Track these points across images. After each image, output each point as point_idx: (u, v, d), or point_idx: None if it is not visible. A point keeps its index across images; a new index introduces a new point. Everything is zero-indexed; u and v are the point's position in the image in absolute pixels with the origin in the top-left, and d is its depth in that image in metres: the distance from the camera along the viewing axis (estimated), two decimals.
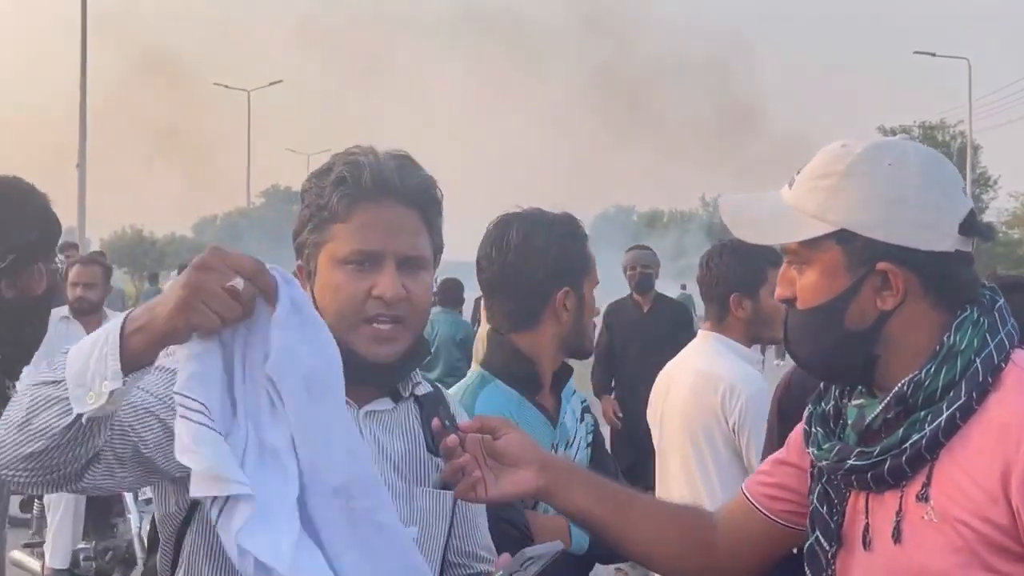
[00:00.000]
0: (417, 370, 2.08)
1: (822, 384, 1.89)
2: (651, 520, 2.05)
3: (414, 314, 1.94)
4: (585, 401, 2.77)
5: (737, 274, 3.66)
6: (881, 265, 1.68)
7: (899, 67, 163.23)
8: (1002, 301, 1.75)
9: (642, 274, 7.91)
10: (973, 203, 1.76)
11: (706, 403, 3.33)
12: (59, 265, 2.72)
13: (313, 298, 1.90)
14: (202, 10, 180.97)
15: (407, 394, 2.04)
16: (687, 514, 2.13)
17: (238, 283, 1.48)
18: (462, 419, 2.09)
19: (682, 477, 3.64)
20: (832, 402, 1.84)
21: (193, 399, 1.52)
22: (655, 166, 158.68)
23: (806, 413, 1.89)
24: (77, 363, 1.54)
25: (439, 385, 2.20)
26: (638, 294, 7.98)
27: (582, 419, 2.71)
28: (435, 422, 1.89)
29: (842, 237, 1.70)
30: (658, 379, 3.95)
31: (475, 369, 2.76)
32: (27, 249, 2.59)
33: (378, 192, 1.90)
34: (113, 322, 1.55)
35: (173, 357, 1.64)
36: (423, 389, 2.07)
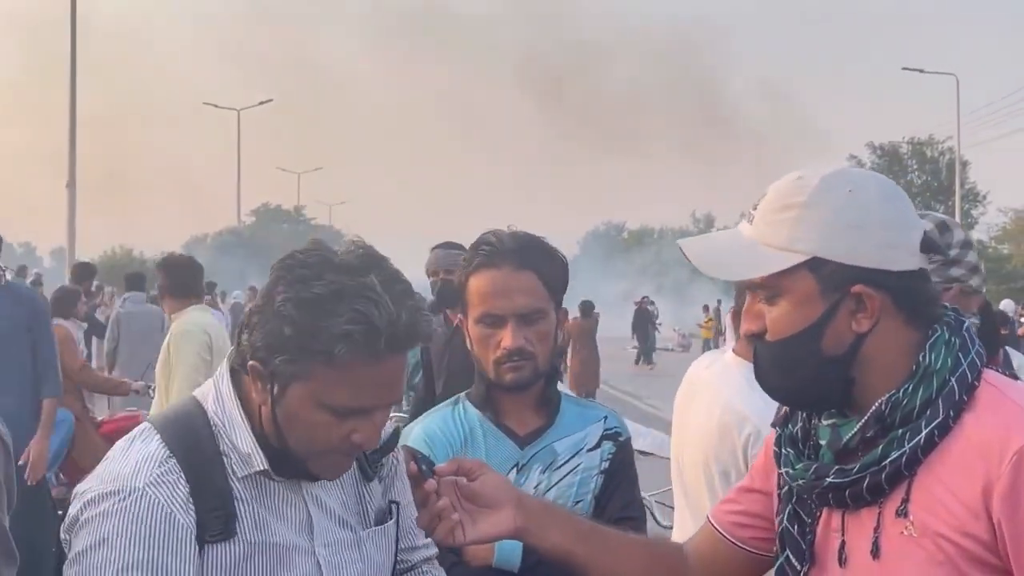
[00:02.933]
0: None
1: (786, 408, 1.91)
2: (625, 556, 2.06)
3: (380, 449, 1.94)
4: (613, 428, 2.74)
5: None
6: (856, 288, 1.71)
7: (888, 83, 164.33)
8: (968, 322, 1.80)
9: (444, 281, 5.55)
10: (962, 218, 1.78)
11: (729, 444, 3.19)
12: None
13: (272, 413, 1.80)
14: (192, 28, 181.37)
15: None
16: (659, 549, 2.14)
17: None
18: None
19: (690, 509, 3.48)
20: (800, 423, 1.86)
21: None
22: (644, 182, 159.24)
23: (774, 436, 1.92)
24: None
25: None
26: (443, 305, 5.62)
27: (598, 446, 2.69)
28: (411, 467, 1.88)
29: (813, 265, 1.72)
30: (677, 401, 3.59)
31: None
32: None
33: (386, 351, 1.74)
34: None
35: None
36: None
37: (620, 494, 2.64)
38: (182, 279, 6.68)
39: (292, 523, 1.89)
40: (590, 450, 2.68)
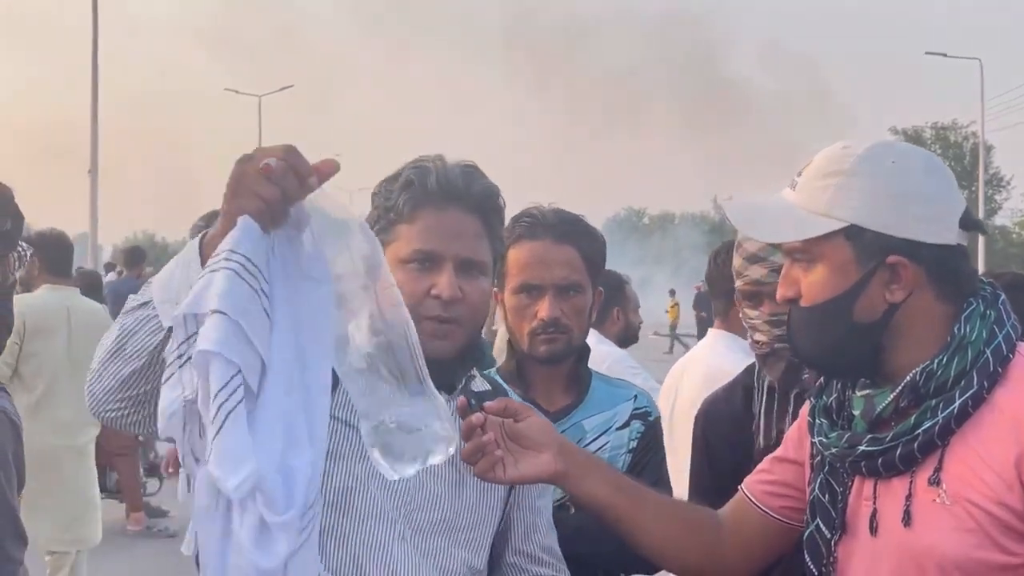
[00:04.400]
0: (475, 369, 2.13)
1: (822, 379, 1.94)
2: (663, 516, 2.07)
3: (469, 315, 1.99)
4: (643, 408, 2.74)
5: None
6: (891, 259, 1.73)
7: (911, 67, 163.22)
8: (1003, 296, 1.81)
9: None
10: (986, 204, 1.79)
11: None
12: (23, 253, 2.72)
13: None
14: (214, 15, 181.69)
15: (460, 388, 2.06)
16: (696, 512, 2.15)
17: (271, 161, 1.57)
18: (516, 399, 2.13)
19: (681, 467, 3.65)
20: (834, 395, 1.88)
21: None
22: (662, 168, 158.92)
23: (808, 407, 1.95)
24: (162, 282, 1.65)
25: (500, 382, 2.25)
26: None
27: (627, 425, 2.69)
28: (461, 400, 1.91)
29: (851, 233, 1.74)
30: (668, 379, 4.01)
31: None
32: (3, 239, 2.60)
33: (442, 197, 1.98)
34: (192, 241, 1.67)
35: None
36: (479, 386, 2.12)
37: (647, 473, 2.62)
38: (53, 256, 6.22)
39: None
40: (619, 429, 2.68)
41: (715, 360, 3.74)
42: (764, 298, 2.45)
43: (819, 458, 1.89)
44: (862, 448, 1.76)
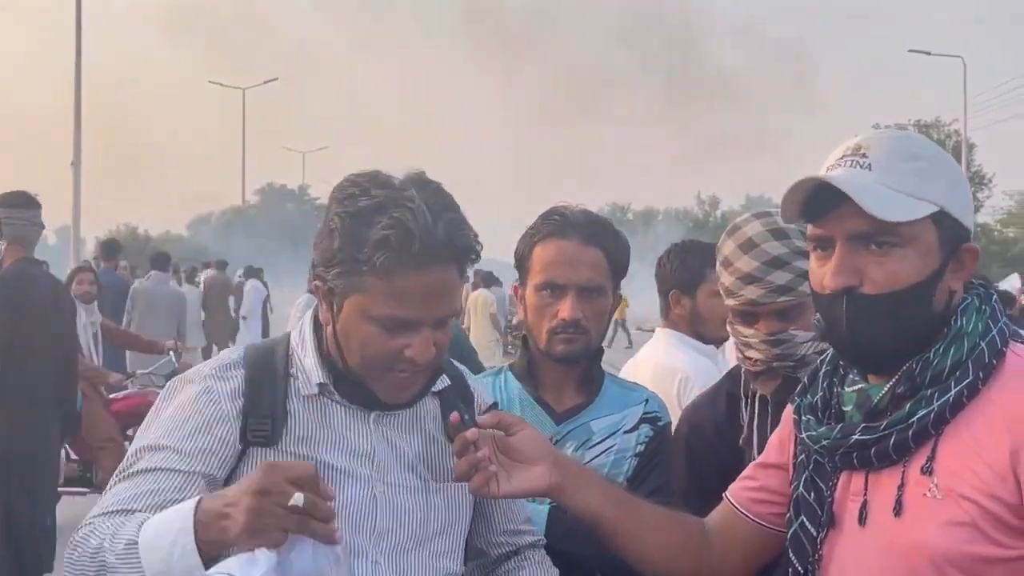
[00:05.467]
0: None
1: (806, 378, 1.94)
2: (655, 527, 2.07)
3: (439, 362, 1.96)
4: (653, 412, 2.72)
5: (678, 272, 3.88)
6: (965, 246, 1.76)
7: (894, 65, 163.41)
8: (995, 294, 1.83)
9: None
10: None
11: (664, 394, 3.41)
12: None
13: (334, 331, 1.91)
14: (198, 6, 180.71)
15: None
16: (685, 522, 2.14)
17: (298, 500, 1.55)
18: (482, 400, 2.16)
19: None
20: (820, 393, 1.88)
21: None
22: (649, 162, 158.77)
23: (793, 406, 1.94)
24: (156, 562, 1.63)
25: (460, 369, 2.22)
26: None
27: (635, 428, 2.68)
28: (453, 416, 1.91)
29: (938, 217, 1.74)
30: (628, 366, 4.05)
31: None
32: None
33: (423, 259, 1.81)
34: (182, 520, 1.63)
35: None
36: (441, 384, 2.09)
37: (653, 478, 2.63)
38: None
39: (352, 450, 1.95)
40: (627, 432, 2.67)
41: (663, 358, 3.84)
42: (760, 318, 2.43)
43: (803, 457, 1.89)
44: (856, 437, 1.75)
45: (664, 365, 3.77)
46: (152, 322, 11.90)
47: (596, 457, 2.63)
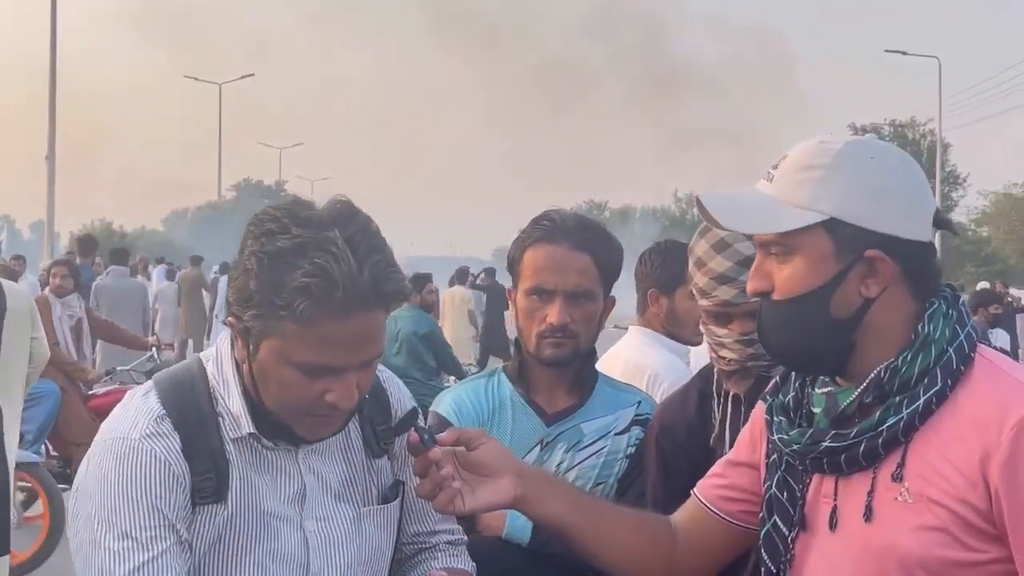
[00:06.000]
0: None
1: (778, 377, 1.95)
2: (621, 530, 2.07)
3: (359, 401, 1.84)
4: (645, 415, 2.73)
5: (659, 271, 3.88)
6: (870, 253, 1.74)
7: (870, 65, 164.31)
8: (963, 297, 1.83)
9: None
10: (942, 201, 1.82)
11: None
12: None
13: (250, 369, 1.81)
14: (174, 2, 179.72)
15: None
16: (652, 522, 2.14)
17: None
18: (400, 406, 2.07)
19: None
20: (792, 392, 1.89)
21: None
22: (624, 161, 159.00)
23: (765, 405, 1.94)
24: None
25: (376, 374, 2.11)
26: None
27: (626, 431, 2.70)
28: (412, 436, 1.88)
29: (831, 226, 1.74)
30: (601, 364, 4.06)
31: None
32: None
33: (348, 307, 1.69)
34: None
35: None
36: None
37: (641, 480, 2.64)
38: None
39: (283, 493, 1.88)
40: (618, 434, 2.68)
41: (633, 355, 3.85)
42: (734, 318, 2.44)
43: (775, 456, 1.89)
44: (826, 444, 1.76)
45: (634, 362, 3.79)
46: (120, 317, 11.82)
47: (587, 459, 2.64)
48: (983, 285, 20.98)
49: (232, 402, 1.85)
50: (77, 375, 8.49)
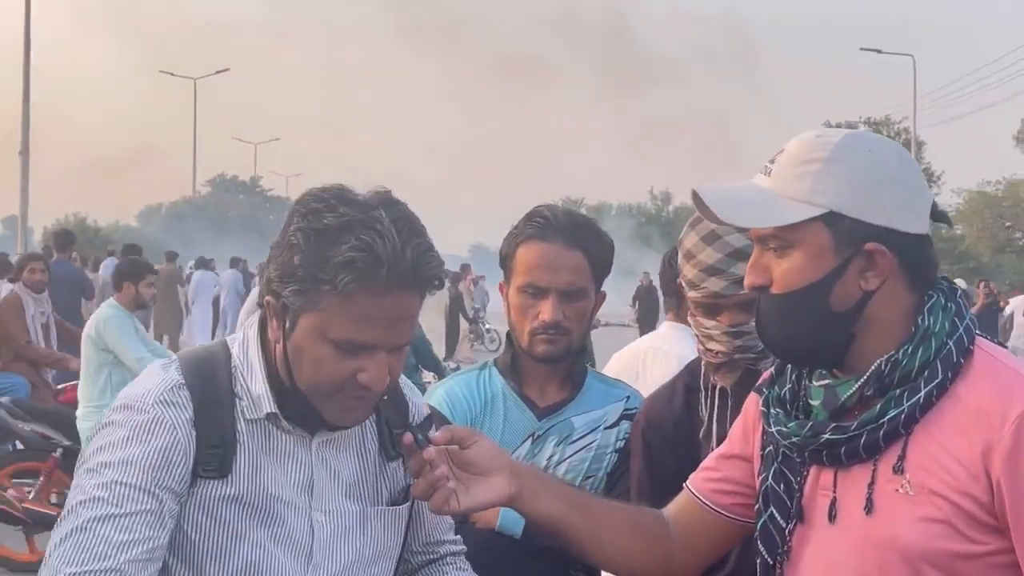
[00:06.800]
0: None
1: (773, 369, 1.95)
2: (614, 526, 2.07)
3: (389, 387, 1.88)
4: (635, 409, 2.75)
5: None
6: (869, 245, 1.74)
7: (845, 63, 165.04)
8: (960, 291, 1.84)
9: None
10: None
11: (666, 378, 3.43)
12: None
13: (284, 349, 1.83)
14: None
15: None
16: (644, 516, 2.14)
17: None
18: (418, 411, 2.09)
19: None
20: (788, 385, 1.88)
21: None
22: (601, 159, 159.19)
23: (761, 397, 1.94)
24: None
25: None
26: None
27: (616, 425, 2.72)
28: (406, 437, 1.88)
29: (830, 219, 1.74)
30: (626, 365, 4.13)
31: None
32: None
33: (389, 285, 1.74)
34: None
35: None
36: None
37: (622, 475, 2.66)
38: None
39: (292, 479, 1.89)
40: (608, 428, 2.71)
41: (674, 347, 3.99)
42: (723, 310, 2.44)
43: (771, 449, 1.89)
44: (826, 437, 1.76)
45: (675, 354, 3.85)
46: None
47: (577, 452, 2.66)
48: (960, 283, 21.07)
49: (255, 383, 1.88)
50: (58, 366, 8.43)
